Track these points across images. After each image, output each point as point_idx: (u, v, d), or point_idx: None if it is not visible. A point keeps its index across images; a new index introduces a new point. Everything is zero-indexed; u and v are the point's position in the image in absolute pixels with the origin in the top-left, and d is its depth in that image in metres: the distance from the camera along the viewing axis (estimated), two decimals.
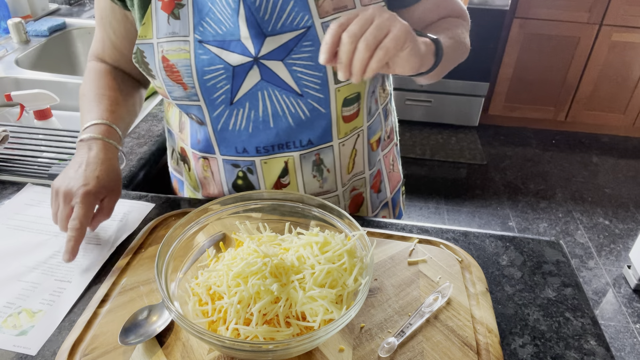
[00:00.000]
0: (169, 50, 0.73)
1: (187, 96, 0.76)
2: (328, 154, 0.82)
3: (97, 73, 0.88)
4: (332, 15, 0.72)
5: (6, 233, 0.79)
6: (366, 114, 0.84)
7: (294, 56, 0.72)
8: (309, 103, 0.76)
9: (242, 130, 0.78)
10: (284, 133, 0.78)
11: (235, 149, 0.80)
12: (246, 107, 0.76)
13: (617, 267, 2.21)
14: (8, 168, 0.93)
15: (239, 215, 0.71)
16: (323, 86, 0.75)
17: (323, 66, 0.73)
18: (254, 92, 0.75)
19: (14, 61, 1.45)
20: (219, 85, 0.74)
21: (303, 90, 0.75)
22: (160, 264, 0.59)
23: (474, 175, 2.85)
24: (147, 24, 0.75)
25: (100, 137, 0.78)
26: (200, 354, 0.59)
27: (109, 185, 0.75)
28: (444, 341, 0.61)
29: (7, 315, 0.65)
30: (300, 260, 0.63)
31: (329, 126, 0.79)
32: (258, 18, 0.71)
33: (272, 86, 0.74)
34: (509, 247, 0.80)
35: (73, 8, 1.89)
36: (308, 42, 0.72)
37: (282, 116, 0.76)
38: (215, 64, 0.73)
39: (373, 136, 0.89)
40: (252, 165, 0.81)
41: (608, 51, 2.86)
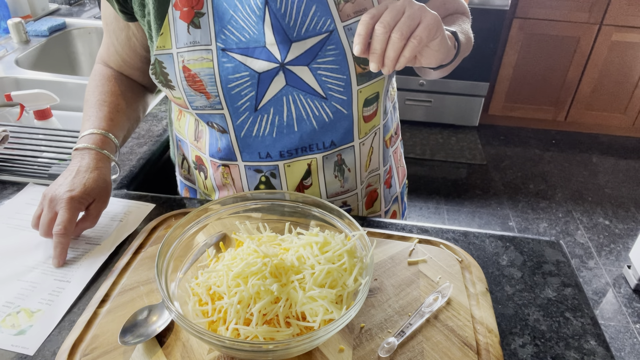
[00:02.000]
0: (190, 60, 0.73)
1: (210, 105, 0.75)
2: (349, 154, 0.83)
3: (102, 78, 0.88)
4: (353, 18, 0.73)
5: (6, 232, 0.79)
6: (382, 112, 0.85)
7: (319, 60, 0.73)
8: (333, 105, 0.77)
9: (266, 135, 0.78)
10: (307, 136, 0.78)
11: (259, 154, 0.80)
12: (270, 113, 0.76)
13: (617, 267, 2.21)
14: (8, 168, 0.93)
15: (239, 215, 0.71)
16: (346, 88, 0.76)
17: (346, 68, 0.74)
18: (278, 97, 0.75)
19: (14, 61, 1.44)
20: (244, 93, 0.74)
21: (327, 93, 0.76)
22: (160, 264, 0.59)
23: (474, 175, 2.85)
24: (165, 34, 0.73)
25: (94, 147, 0.79)
26: (200, 354, 0.59)
27: (95, 192, 0.76)
28: (444, 341, 0.61)
29: (6, 314, 0.65)
30: (300, 260, 0.63)
31: (351, 127, 0.80)
32: (284, 24, 0.71)
33: (297, 91, 0.75)
34: (509, 247, 0.80)
35: (73, 8, 1.89)
36: (332, 45, 0.72)
37: (307, 119, 0.77)
38: (240, 72, 0.72)
39: (387, 133, 0.90)
40: (275, 170, 0.81)
41: (608, 51, 2.86)
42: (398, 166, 1.01)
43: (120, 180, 0.94)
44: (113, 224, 0.81)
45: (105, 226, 0.80)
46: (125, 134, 0.88)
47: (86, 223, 0.76)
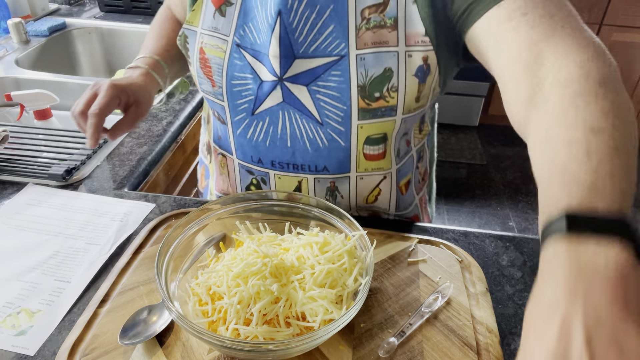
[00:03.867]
0: (207, 44, 0.74)
1: (214, 93, 0.76)
2: (344, 183, 0.79)
3: (165, 17, 0.93)
4: (371, 48, 0.67)
5: (6, 233, 0.79)
6: (394, 156, 0.79)
7: (320, 83, 0.69)
8: (329, 133, 0.73)
9: (260, 141, 0.77)
10: (299, 155, 0.76)
11: (251, 157, 0.79)
12: (266, 122, 0.75)
13: None
14: (8, 168, 0.93)
15: (239, 215, 0.71)
16: (345, 119, 0.71)
17: (348, 99, 0.69)
18: (275, 110, 0.73)
19: (14, 61, 1.44)
20: (244, 94, 0.73)
21: (324, 119, 0.72)
22: (160, 264, 0.59)
23: (474, 175, 2.85)
24: (196, 11, 0.75)
25: (145, 67, 0.83)
26: (200, 354, 0.59)
27: (138, 94, 0.78)
28: (444, 341, 0.61)
29: (6, 315, 0.65)
30: (300, 260, 0.63)
31: (347, 159, 0.76)
32: (292, 38, 0.68)
33: (293, 109, 0.72)
34: (509, 247, 0.80)
35: (73, 8, 1.89)
36: (337, 71, 0.68)
37: (300, 139, 0.74)
38: (245, 72, 0.72)
39: (402, 179, 0.84)
40: (265, 177, 0.81)
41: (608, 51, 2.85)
42: (423, 214, 0.94)
43: (120, 180, 0.94)
44: (113, 224, 0.81)
45: (105, 226, 0.80)
46: (177, 69, 0.90)
47: (122, 125, 0.77)
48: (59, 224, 0.81)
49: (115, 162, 0.99)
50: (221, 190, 0.90)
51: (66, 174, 0.91)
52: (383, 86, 0.68)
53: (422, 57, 0.68)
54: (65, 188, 0.90)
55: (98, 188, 0.91)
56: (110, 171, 0.96)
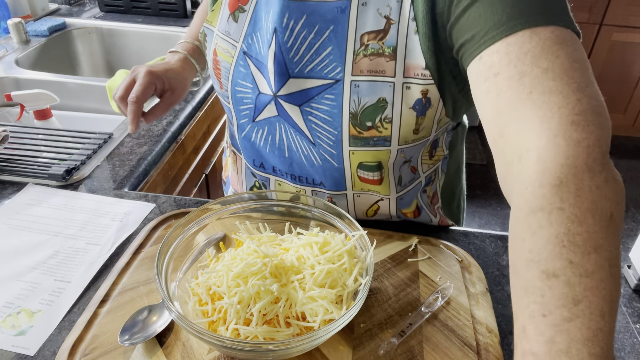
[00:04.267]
0: (220, 47, 0.74)
1: (222, 95, 0.78)
2: (341, 200, 0.78)
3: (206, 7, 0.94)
4: (366, 76, 0.63)
5: (6, 233, 0.79)
6: (394, 184, 0.75)
7: (313, 105, 0.67)
8: (321, 153, 0.71)
9: (261, 147, 0.77)
10: (297, 166, 0.75)
11: (254, 161, 0.80)
12: (265, 130, 0.75)
13: None
14: (8, 168, 0.93)
15: (239, 215, 0.71)
16: (336, 144, 0.69)
17: (339, 124, 0.67)
18: (272, 121, 0.73)
19: (14, 61, 1.44)
20: (245, 101, 0.74)
21: (316, 140, 0.70)
22: (160, 264, 0.59)
23: (474, 175, 2.85)
24: (215, 11, 0.76)
25: (184, 52, 0.87)
26: (200, 354, 0.59)
27: (173, 81, 0.83)
28: (444, 341, 0.61)
29: (6, 315, 0.65)
30: (300, 260, 0.63)
31: (342, 179, 0.74)
32: (286, 58, 0.66)
33: (287, 125, 0.72)
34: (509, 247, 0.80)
35: (73, 8, 1.89)
36: (331, 95, 0.66)
37: (296, 152, 0.74)
38: (246, 81, 0.72)
39: (406, 208, 0.80)
40: (266, 182, 0.81)
41: (608, 51, 2.86)
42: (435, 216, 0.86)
43: (120, 180, 0.94)
44: (113, 224, 0.81)
45: (105, 226, 0.80)
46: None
47: (157, 110, 0.82)
48: (59, 224, 0.81)
49: (115, 162, 0.99)
50: (233, 185, 0.92)
51: (66, 174, 0.91)
52: (376, 116, 0.65)
53: (421, 90, 0.63)
54: (65, 188, 0.90)
55: (98, 188, 0.91)
56: (110, 171, 0.96)
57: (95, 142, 1.03)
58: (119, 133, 1.09)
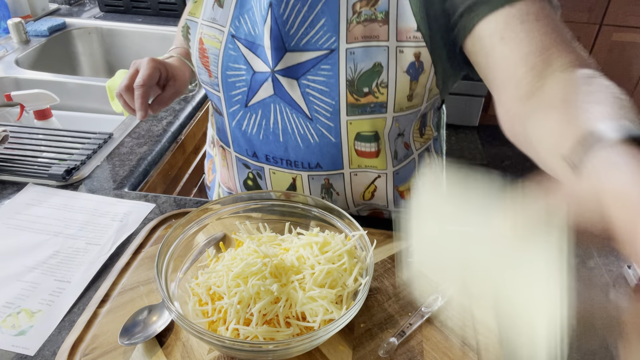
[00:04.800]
0: (205, 35, 0.75)
1: (211, 84, 0.77)
2: (338, 180, 0.78)
3: None
4: (360, 42, 0.66)
5: (6, 233, 0.79)
6: (390, 157, 0.77)
7: (310, 77, 0.69)
8: (318, 129, 0.72)
9: (254, 134, 0.77)
10: (292, 150, 0.75)
11: (246, 150, 0.80)
12: (259, 114, 0.75)
13: (617, 267, 2.20)
14: (8, 168, 0.93)
15: (239, 215, 0.71)
16: (334, 115, 0.70)
17: (336, 94, 0.68)
18: (267, 102, 0.73)
19: (14, 61, 1.44)
20: (238, 85, 0.74)
21: (313, 114, 0.71)
22: (160, 264, 0.59)
23: None
24: (198, 2, 0.76)
25: (177, 56, 0.87)
26: (200, 354, 0.59)
27: (175, 70, 0.82)
28: (444, 341, 0.61)
29: (6, 315, 0.65)
30: (300, 260, 0.63)
31: (339, 155, 0.75)
32: (282, 31, 0.67)
33: (283, 103, 0.72)
34: None
35: (73, 8, 1.89)
36: (327, 65, 0.67)
37: (291, 134, 0.74)
38: (239, 63, 0.72)
39: (402, 184, 0.81)
40: (261, 171, 0.81)
41: (608, 51, 2.85)
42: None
43: (120, 180, 0.94)
44: (113, 224, 0.81)
45: (105, 226, 0.80)
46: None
47: (162, 99, 0.81)
48: (59, 224, 0.81)
49: (115, 162, 0.99)
50: (224, 182, 0.91)
51: (66, 174, 0.91)
52: (372, 81, 0.67)
53: (414, 53, 0.66)
54: (65, 188, 0.90)
55: (98, 188, 0.91)
56: (110, 171, 0.96)
57: (95, 142, 1.03)
58: (119, 133, 1.09)
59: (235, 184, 0.86)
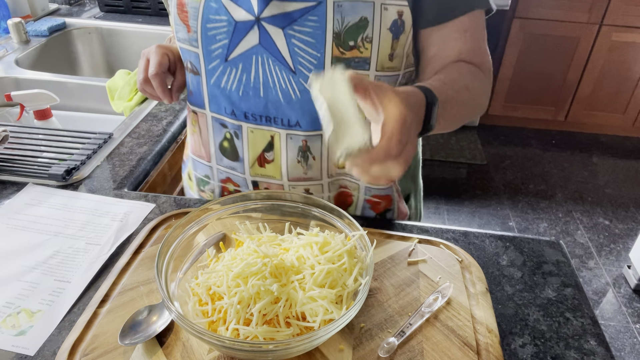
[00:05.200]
0: None
1: (189, 40, 0.77)
2: (316, 143, 0.78)
3: None
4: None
5: (6, 233, 0.79)
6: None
7: (296, 27, 0.69)
8: (301, 83, 0.72)
9: (233, 91, 0.77)
10: (272, 106, 0.75)
11: (225, 109, 0.79)
12: (239, 68, 0.75)
13: (617, 267, 2.21)
14: (8, 168, 0.93)
15: (239, 215, 0.71)
16: (318, 67, 0.71)
17: (322, 46, 0.70)
18: (248, 54, 0.73)
19: (14, 61, 1.44)
20: (218, 38, 0.73)
21: (297, 67, 0.71)
22: (160, 264, 0.59)
23: (474, 175, 2.85)
24: None
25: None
26: (200, 354, 0.59)
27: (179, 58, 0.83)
28: (444, 341, 0.61)
29: (6, 315, 0.65)
30: (300, 260, 0.63)
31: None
32: None
33: (267, 54, 0.72)
34: (509, 247, 0.80)
35: (73, 8, 1.89)
36: (314, 17, 0.68)
37: (272, 88, 0.74)
38: (220, 14, 0.72)
39: None
40: (238, 130, 0.80)
41: (608, 51, 2.86)
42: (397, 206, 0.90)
43: (120, 180, 0.94)
44: (113, 224, 0.81)
45: (105, 226, 0.80)
46: None
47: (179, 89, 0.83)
48: (59, 224, 0.81)
49: (115, 162, 0.99)
50: (195, 151, 0.89)
51: (66, 174, 0.91)
52: (358, 35, 0.69)
53: (397, 11, 0.70)
54: (65, 188, 0.90)
55: (98, 188, 0.91)
56: (110, 171, 0.96)
57: (95, 142, 1.03)
58: (119, 133, 1.09)
59: (210, 148, 0.85)
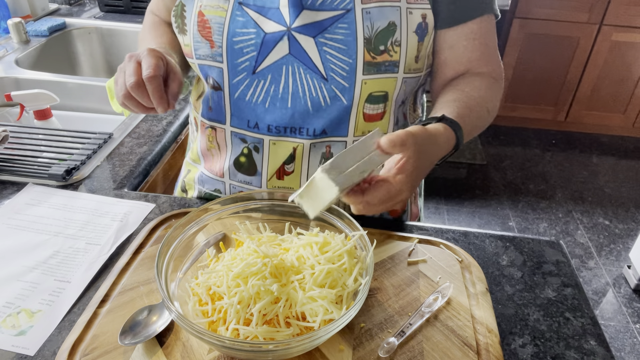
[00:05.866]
0: (206, 6, 0.74)
1: (212, 56, 0.76)
2: (339, 148, 0.78)
3: (154, 22, 0.93)
4: (375, 3, 0.70)
5: (6, 233, 0.79)
6: (392, 122, 0.80)
7: (327, 35, 0.71)
8: (332, 89, 0.74)
9: (259, 103, 0.76)
10: (299, 116, 0.76)
11: (248, 122, 0.78)
12: (267, 80, 0.75)
13: (617, 267, 2.21)
14: (8, 168, 0.93)
15: (239, 215, 0.71)
16: (350, 74, 0.73)
17: (354, 52, 0.71)
18: (279, 65, 0.74)
19: (14, 61, 1.44)
20: (246, 51, 0.74)
21: (329, 74, 0.73)
22: (160, 264, 0.59)
23: (474, 175, 2.85)
24: None
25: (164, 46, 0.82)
26: (200, 354, 0.59)
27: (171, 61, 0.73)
28: (444, 341, 0.61)
29: (6, 315, 0.65)
30: (300, 260, 0.63)
31: (347, 118, 0.76)
32: None
33: (298, 62, 0.73)
34: (509, 247, 0.80)
35: (73, 8, 1.89)
36: (344, 24, 0.71)
37: (302, 98, 0.75)
38: (248, 27, 0.73)
39: None
40: (259, 144, 0.79)
41: (608, 51, 2.86)
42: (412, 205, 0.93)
43: (120, 180, 0.94)
44: (113, 224, 0.81)
45: (105, 226, 0.80)
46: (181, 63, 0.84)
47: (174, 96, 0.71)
48: (59, 224, 0.81)
49: (115, 162, 0.99)
50: (210, 168, 0.88)
51: (66, 174, 0.91)
52: (387, 39, 0.72)
53: (422, 14, 0.73)
54: (65, 188, 0.90)
55: (98, 188, 0.91)
56: (110, 171, 0.96)
57: (95, 142, 1.03)
58: (119, 133, 1.09)
59: (224, 164, 0.84)
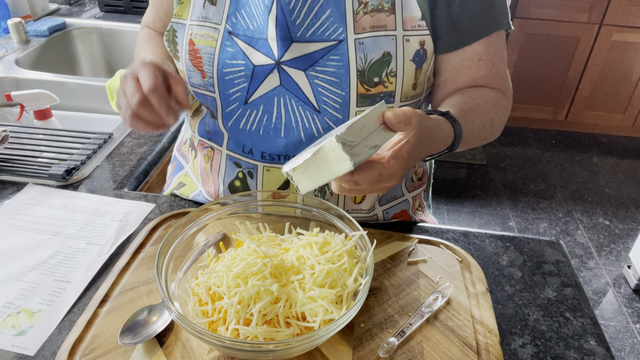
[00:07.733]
0: (197, 35, 0.73)
1: (204, 85, 0.75)
2: None
3: (150, 35, 0.91)
4: (369, 32, 0.67)
5: (6, 233, 0.79)
6: None
7: (318, 68, 0.69)
8: (325, 121, 0.72)
9: (253, 131, 0.75)
10: (293, 146, 0.74)
11: (243, 147, 0.78)
12: (260, 110, 0.73)
13: (617, 267, 2.21)
14: (8, 168, 0.93)
15: (239, 215, 0.71)
16: (343, 106, 0.70)
17: (347, 85, 0.69)
18: (270, 96, 0.72)
19: (14, 61, 1.44)
20: (237, 82, 0.72)
21: (321, 106, 0.71)
22: (160, 264, 0.59)
23: (474, 175, 2.85)
24: (184, 3, 0.75)
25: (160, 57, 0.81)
26: (200, 354, 0.59)
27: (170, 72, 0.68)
28: (444, 341, 0.61)
29: (6, 315, 0.65)
30: (300, 260, 0.63)
31: None
32: (289, 20, 0.67)
33: (289, 94, 0.71)
34: (509, 247, 0.80)
35: (73, 8, 1.89)
36: (336, 56, 0.68)
37: (295, 128, 0.73)
38: (237, 59, 0.71)
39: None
40: (253, 169, 0.79)
41: (608, 51, 2.85)
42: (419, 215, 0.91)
43: (120, 180, 0.94)
44: (113, 224, 0.81)
45: (105, 226, 0.80)
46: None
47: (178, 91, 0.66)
48: (59, 224, 0.81)
49: (115, 162, 0.99)
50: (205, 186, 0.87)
51: (66, 174, 0.91)
52: (382, 71, 0.69)
53: (419, 41, 0.70)
54: (65, 188, 0.90)
55: (98, 188, 0.91)
56: (110, 171, 0.96)
57: (95, 142, 1.03)
58: (119, 133, 1.09)
59: (219, 187, 0.83)
